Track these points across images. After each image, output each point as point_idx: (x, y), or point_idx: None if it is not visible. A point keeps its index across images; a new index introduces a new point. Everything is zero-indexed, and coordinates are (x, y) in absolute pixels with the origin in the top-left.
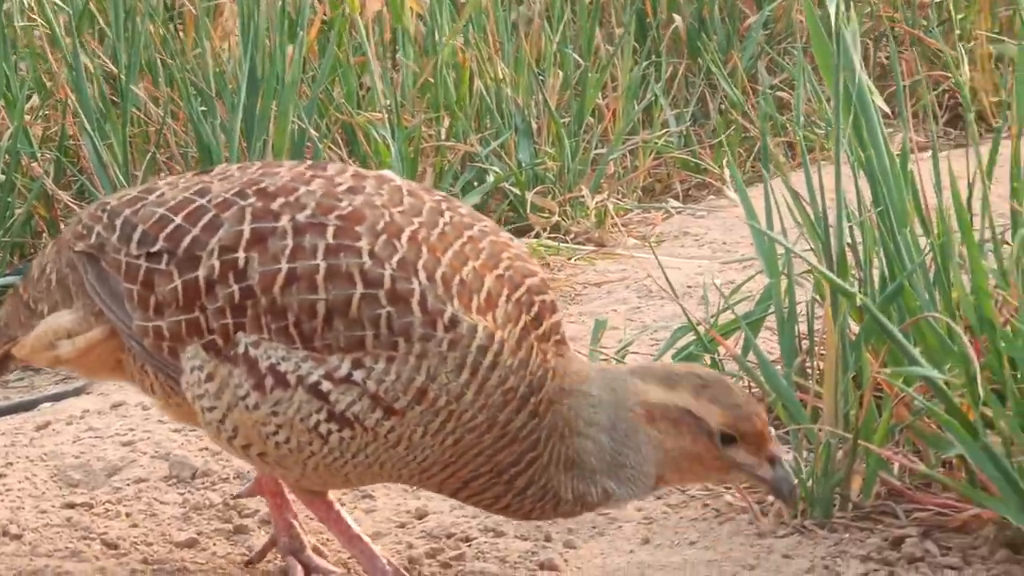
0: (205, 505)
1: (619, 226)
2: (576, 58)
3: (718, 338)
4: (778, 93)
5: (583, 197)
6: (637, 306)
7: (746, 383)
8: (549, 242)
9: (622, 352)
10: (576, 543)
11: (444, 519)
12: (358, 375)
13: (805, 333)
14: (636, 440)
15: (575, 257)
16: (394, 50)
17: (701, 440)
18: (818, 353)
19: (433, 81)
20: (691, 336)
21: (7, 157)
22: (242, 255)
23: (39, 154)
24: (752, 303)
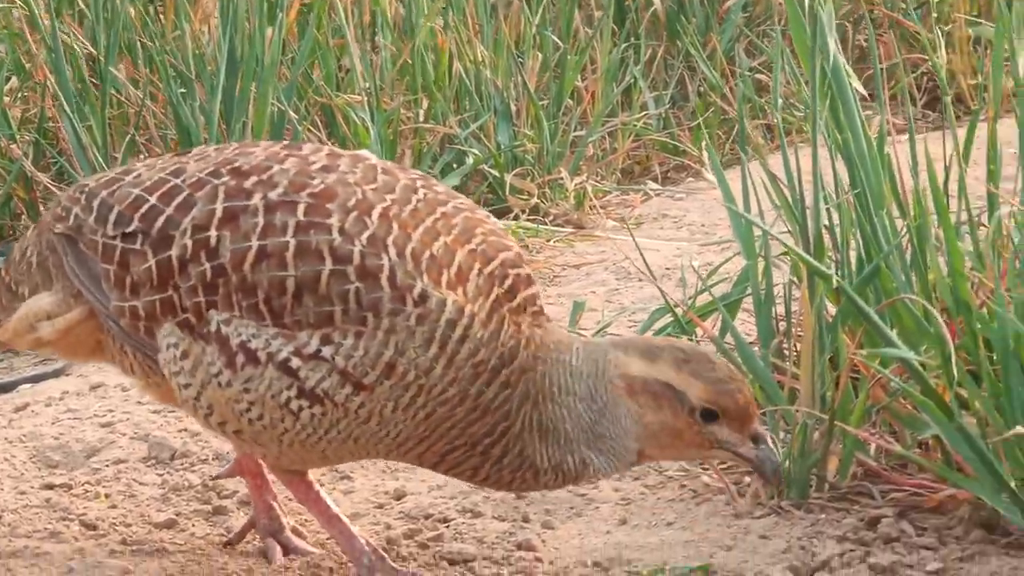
0: (184, 486)
1: (598, 208)
2: (555, 40)
3: (695, 320)
4: (757, 76)
5: (562, 179)
6: (616, 288)
7: None
8: (528, 224)
9: (600, 333)
10: (554, 523)
11: (422, 500)
12: (327, 351)
13: (782, 315)
14: (616, 412)
15: (554, 239)
16: (373, 32)
17: (681, 415)
18: (795, 335)
19: (412, 63)
20: (669, 317)
21: None
22: (214, 233)
23: (18, 136)
24: (730, 285)
